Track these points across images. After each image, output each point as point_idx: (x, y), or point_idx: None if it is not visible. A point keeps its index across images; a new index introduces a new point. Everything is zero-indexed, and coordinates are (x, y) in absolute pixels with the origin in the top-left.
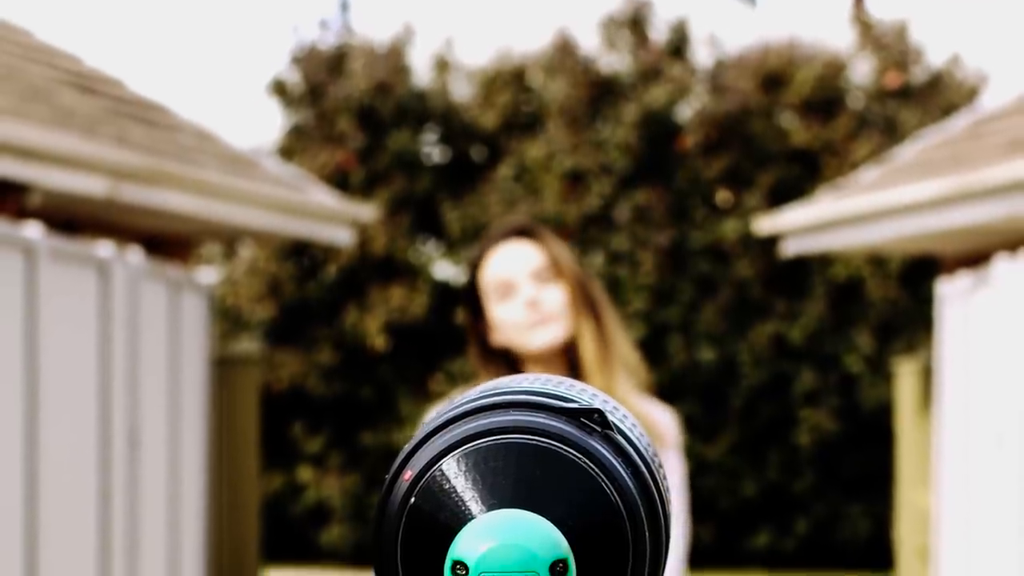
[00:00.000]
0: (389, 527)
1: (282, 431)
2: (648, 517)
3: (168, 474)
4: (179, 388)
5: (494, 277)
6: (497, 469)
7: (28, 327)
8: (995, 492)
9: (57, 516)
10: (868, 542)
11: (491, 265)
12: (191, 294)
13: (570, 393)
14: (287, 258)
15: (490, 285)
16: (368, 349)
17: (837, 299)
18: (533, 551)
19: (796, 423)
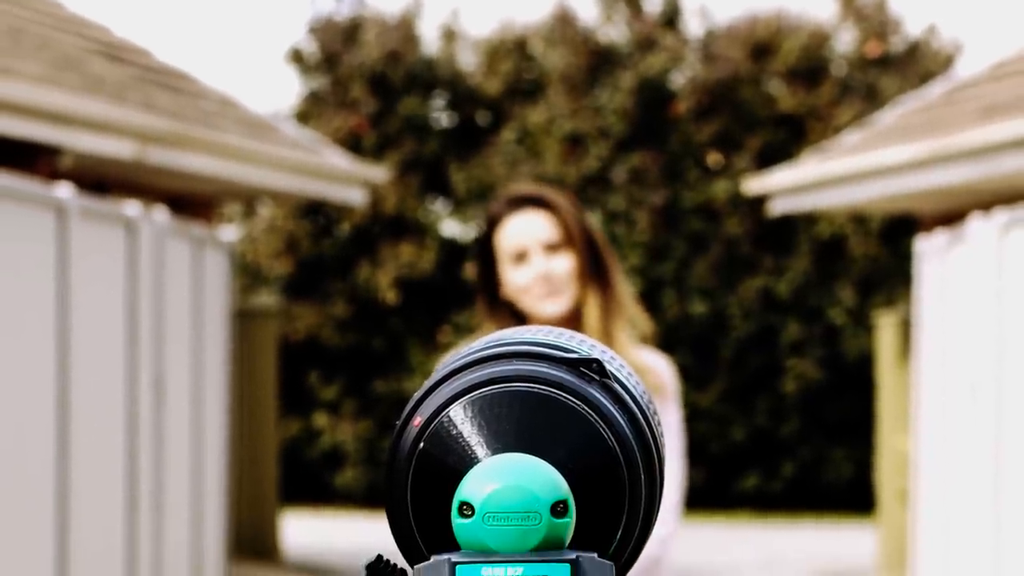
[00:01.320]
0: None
1: (299, 380)
2: (643, 461)
3: (191, 420)
4: (202, 339)
5: (508, 243)
6: (501, 415)
7: (60, 282)
8: (970, 437)
9: (87, 460)
10: (850, 484)
11: (506, 231)
12: (213, 251)
13: (570, 344)
14: (303, 217)
15: (504, 249)
16: (380, 302)
17: (821, 255)
18: (535, 492)
19: (783, 372)
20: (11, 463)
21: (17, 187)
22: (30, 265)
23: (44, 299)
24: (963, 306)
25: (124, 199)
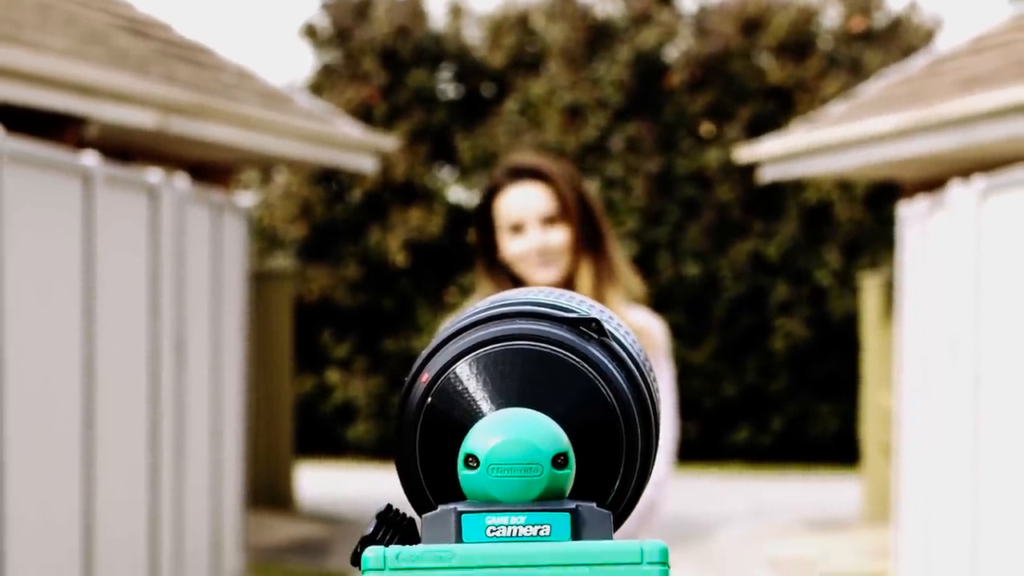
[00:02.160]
0: (408, 424)
1: (313, 338)
2: (640, 415)
3: (211, 378)
4: (220, 300)
5: (507, 214)
6: (505, 372)
7: (86, 245)
8: (950, 393)
9: (112, 416)
10: (836, 438)
11: (505, 202)
12: (231, 216)
13: (570, 304)
14: (317, 183)
15: (502, 219)
16: (390, 264)
17: (809, 220)
18: (537, 445)
19: (772, 331)
20: (40, 420)
21: (45, 155)
22: (57, 229)
23: (71, 262)
24: (943, 268)
25: (147, 167)
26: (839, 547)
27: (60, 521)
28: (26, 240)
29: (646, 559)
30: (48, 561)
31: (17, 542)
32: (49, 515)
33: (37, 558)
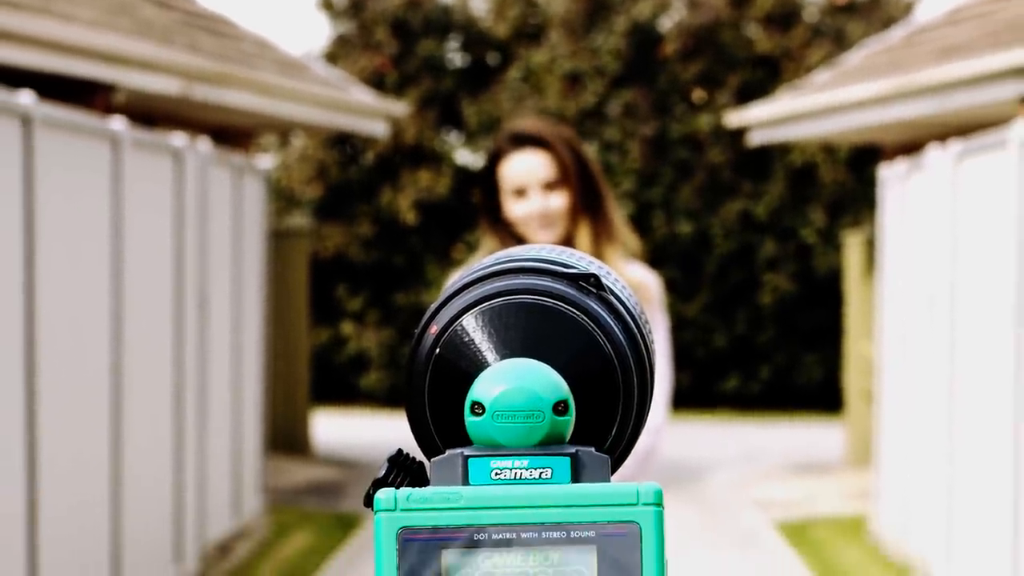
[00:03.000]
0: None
1: (328, 292)
2: (636, 365)
3: (232, 329)
4: (241, 257)
5: (510, 179)
6: (509, 324)
7: (114, 205)
8: (927, 342)
9: (139, 366)
10: (821, 386)
11: (509, 166)
12: (251, 177)
13: (570, 260)
14: (332, 147)
15: (506, 182)
16: (400, 223)
17: (795, 181)
18: (539, 393)
19: (760, 285)
20: (71, 370)
21: (76, 120)
22: (87, 190)
23: (100, 221)
24: (921, 226)
25: (171, 131)
26: (823, 489)
27: (90, 465)
28: (58, 200)
29: (641, 500)
30: (79, 501)
31: (50, 484)
32: (80, 459)
33: (68, 499)
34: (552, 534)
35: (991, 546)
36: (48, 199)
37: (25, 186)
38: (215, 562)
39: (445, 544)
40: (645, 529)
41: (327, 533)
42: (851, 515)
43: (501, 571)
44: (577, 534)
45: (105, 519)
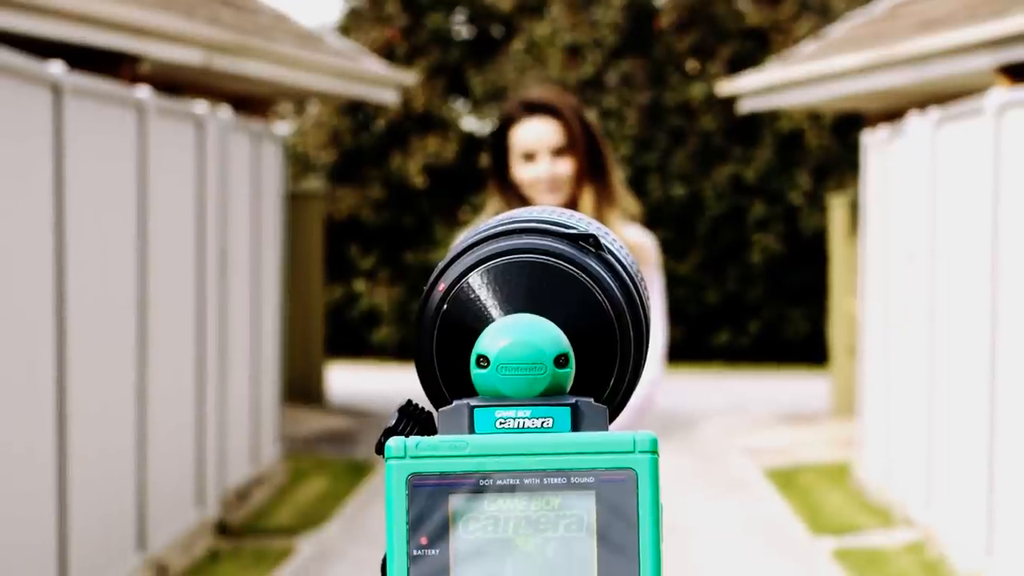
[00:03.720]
0: (427, 328)
1: (341, 251)
2: (632, 320)
3: (251, 286)
4: (260, 218)
5: (520, 143)
6: (512, 282)
7: (140, 169)
8: (907, 299)
9: (163, 321)
10: (807, 340)
11: (519, 132)
12: (269, 143)
13: (571, 222)
14: (345, 114)
15: (516, 147)
16: (410, 186)
17: (782, 146)
18: (540, 347)
19: (749, 245)
20: (99, 324)
21: (103, 89)
22: (114, 155)
23: (126, 184)
24: (902, 189)
25: (193, 99)
26: (809, 438)
27: (116, 413)
28: (87, 165)
29: (638, 448)
30: (106, 448)
31: (78, 431)
32: (107, 408)
33: (96, 446)
34: (553, 480)
35: (967, 491)
36: (77, 163)
37: (55, 151)
38: (234, 507)
39: (452, 489)
40: (641, 475)
41: (341, 479)
42: (835, 462)
43: (505, 515)
44: (577, 480)
45: (130, 465)
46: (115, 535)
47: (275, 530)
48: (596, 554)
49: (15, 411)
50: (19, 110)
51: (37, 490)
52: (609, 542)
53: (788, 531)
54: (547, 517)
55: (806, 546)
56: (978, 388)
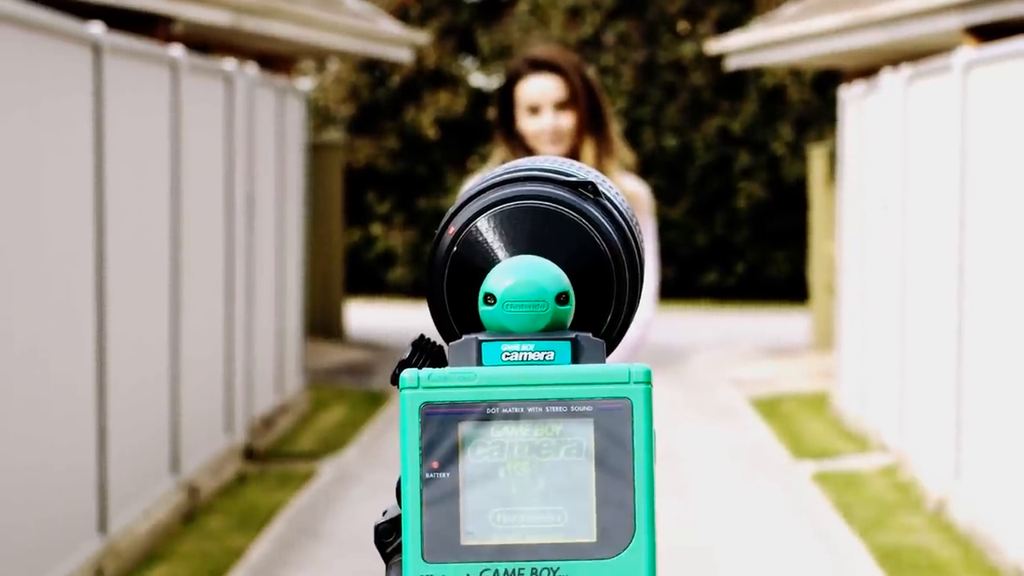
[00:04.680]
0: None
1: (359, 198)
2: (628, 262)
3: (276, 231)
4: (284, 167)
5: (526, 97)
6: (517, 226)
7: (173, 123)
8: (881, 242)
9: (195, 262)
10: (789, 280)
11: (525, 87)
12: (292, 98)
13: (571, 170)
14: (363, 71)
15: (522, 100)
16: (422, 137)
17: (766, 101)
18: (543, 285)
19: (735, 192)
20: (137, 267)
21: (140, 48)
22: (150, 109)
23: (160, 137)
24: (876, 140)
25: (223, 57)
26: (791, 370)
27: (152, 347)
28: (124, 119)
29: (632, 379)
30: (142, 378)
31: (117, 363)
32: (143, 342)
33: (133, 376)
34: (554, 408)
35: (937, 419)
36: (115, 118)
37: (96, 106)
38: (261, 433)
39: (462, 417)
40: (636, 404)
41: (359, 408)
42: (815, 392)
43: (510, 441)
44: (576, 408)
45: (165, 394)
46: (150, 459)
47: (298, 455)
48: (594, 477)
49: (59, 345)
50: (62, 68)
51: (78, 418)
52: (606, 466)
53: (771, 456)
54: (549, 443)
55: (788, 470)
56: (946, 325)
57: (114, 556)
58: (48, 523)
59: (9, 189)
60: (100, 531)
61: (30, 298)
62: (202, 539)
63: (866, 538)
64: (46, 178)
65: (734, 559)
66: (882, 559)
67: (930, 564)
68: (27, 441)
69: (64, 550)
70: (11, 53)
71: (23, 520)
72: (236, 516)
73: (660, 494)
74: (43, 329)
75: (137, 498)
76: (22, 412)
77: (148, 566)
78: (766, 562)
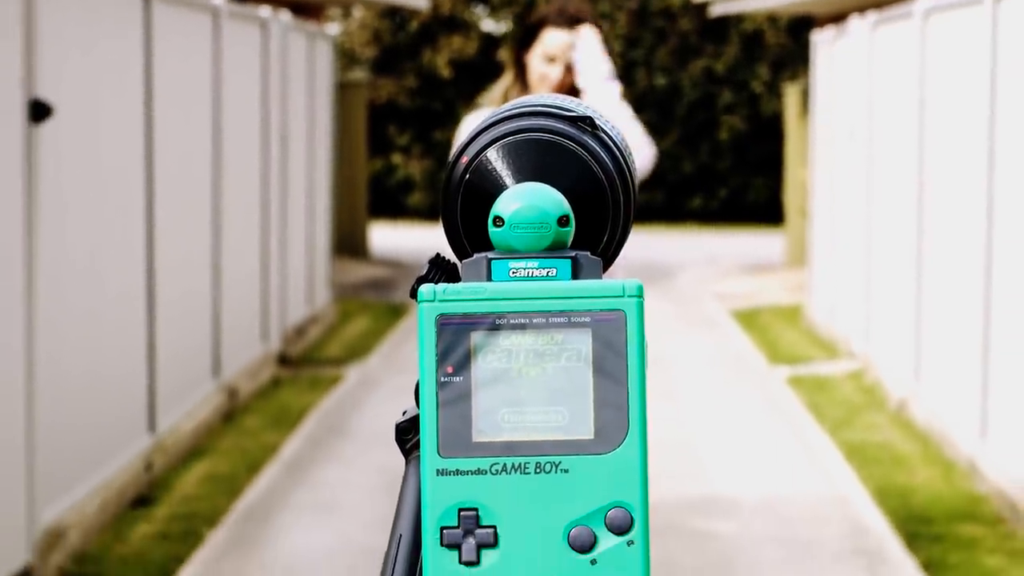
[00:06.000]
0: (452, 194)
1: (381, 131)
2: (622, 188)
3: (307, 160)
4: (314, 104)
5: (547, 46)
6: (523, 156)
7: (214, 65)
8: (848, 169)
9: (234, 187)
10: (766, 203)
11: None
12: (322, 41)
13: (571, 106)
14: (385, 17)
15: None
16: (438, 77)
17: (746, 44)
18: (546, 209)
19: (719, 125)
20: (181, 192)
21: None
22: (193, 53)
23: (203, 78)
24: (844, 79)
25: (258, 5)
26: (768, 284)
27: (196, 263)
28: (171, 62)
29: (626, 293)
30: (187, 291)
31: (165, 278)
32: (188, 258)
33: (178, 289)
34: (556, 319)
35: (899, 328)
36: (163, 61)
37: (145, 50)
38: (293, 341)
39: (473, 327)
40: (629, 315)
41: (381, 319)
42: (789, 304)
43: (517, 348)
44: (576, 319)
45: (207, 306)
46: (194, 365)
47: (326, 361)
48: (592, 380)
49: (113, 261)
50: (117, 15)
51: (130, 327)
52: (603, 371)
53: (750, 361)
54: (551, 350)
55: (765, 374)
56: (907, 241)
57: (162, 452)
58: (104, 422)
59: (72, 123)
60: (149, 429)
61: (88, 220)
62: (240, 436)
63: (835, 435)
64: (103, 113)
65: (717, 453)
66: (849, 454)
67: (892, 458)
68: (85, 348)
69: (117, 446)
70: (75, 2)
71: (82, 419)
72: (271, 416)
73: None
74: (99, 247)
75: (182, 400)
76: (80, 322)
77: (192, 461)
78: (746, 456)
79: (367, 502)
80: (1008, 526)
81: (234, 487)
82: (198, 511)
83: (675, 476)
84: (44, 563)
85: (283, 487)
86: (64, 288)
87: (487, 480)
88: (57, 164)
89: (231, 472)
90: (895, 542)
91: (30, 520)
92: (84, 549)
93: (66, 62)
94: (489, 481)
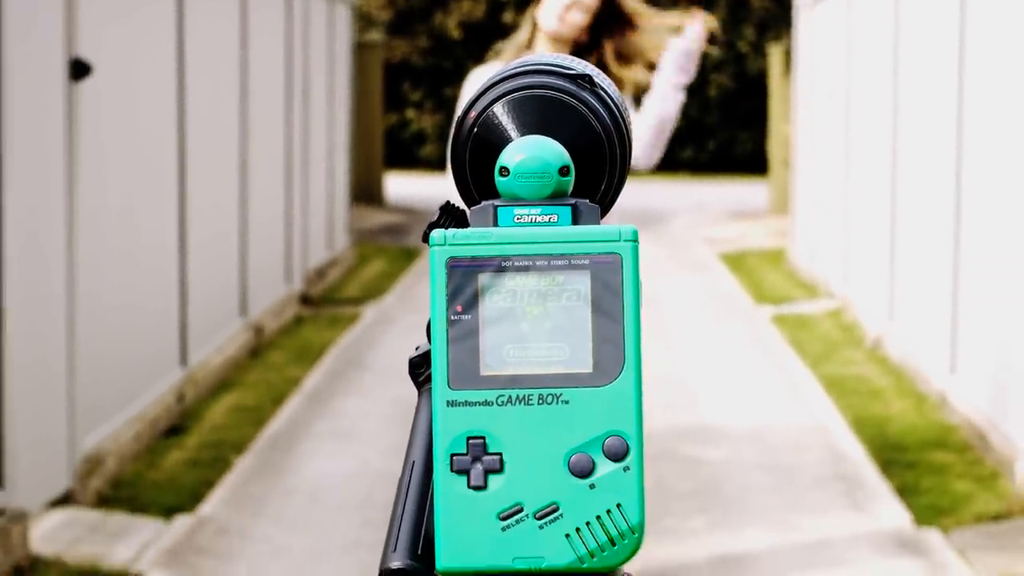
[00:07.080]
0: (461, 146)
1: (396, 87)
2: (618, 141)
3: (327, 115)
4: (334, 62)
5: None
6: (527, 111)
7: (242, 28)
8: (827, 124)
9: (260, 139)
10: (752, 155)
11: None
12: (341, 4)
13: (571, 64)
14: None
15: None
16: (449, 37)
17: (733, 7)
18: (548, 160)
19: (708, 83)
20: (211, 142)
21: None
22: (222, 16)
23: (231, 39)
24: (825, 40)
25: None
26: (754, 230)
27: (224, 208)
28: (202, 25)
29: (622, 237)
30: (217, 235)
31: (195, 221)
32: (217, 204)
33: (208, 232)
34: (557, 262)
35: (875, 270)
36: (195, 25)
37: (178, 15)
38: (314, 282)
39: (481, 269)
40: (625, 258)
41: (396, 261)
42: (773, 248)
43: (521, 289)
44: (576, 262)
45: (235, 249)
46: (223, 303)
47: (345, 300)
48: (591, 318)
49: (147, 206)
50: None
51: (163, 268)
52: (600, 309)
53: (737, 301)
54: (553, 290)
55: (751, 313)
56: (882, 189)
57: (193, 384)
58: (139, 357)
59: (110, 81)
60: (181, 363)
61: (124, 170)
62: (265, 370)
63: (815, 369)
64: (139, 72)
65: (707, 386)
66: (828, 386)
67: (868, 391)
68: (122, 288)
69: (152, 379)
70: None
71: (119, 354)
72: (294, 351)
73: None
74: (135, 195)
75: (212, 336)
76: (117, 263)
77: (221, 393)
78: (734, 388)
79: (383, 430)
80: (976, 453)
81: (260, 417)
82: (226, 439)
83: (668, 407)
84: (84, 488)
85: (305, 417)
86: (103, 232)
87: (493, 411)
88: (96, 119)
89: (257, 403)
90: (871, 468)
91: (71, 448)
92: (120, 475)
93: (105, 25)
94: (495, 411)
